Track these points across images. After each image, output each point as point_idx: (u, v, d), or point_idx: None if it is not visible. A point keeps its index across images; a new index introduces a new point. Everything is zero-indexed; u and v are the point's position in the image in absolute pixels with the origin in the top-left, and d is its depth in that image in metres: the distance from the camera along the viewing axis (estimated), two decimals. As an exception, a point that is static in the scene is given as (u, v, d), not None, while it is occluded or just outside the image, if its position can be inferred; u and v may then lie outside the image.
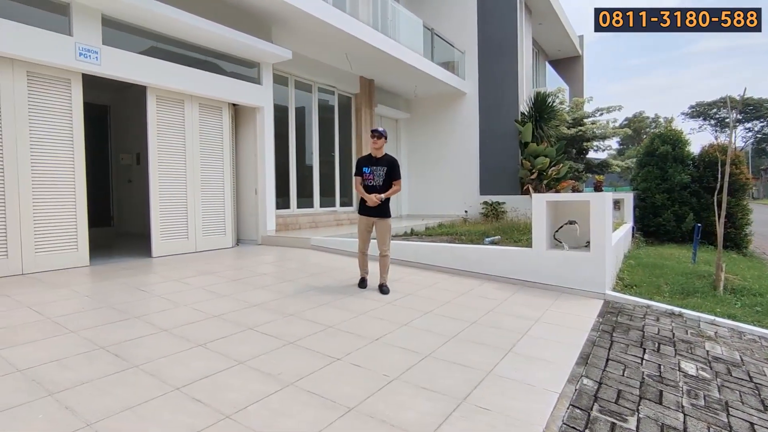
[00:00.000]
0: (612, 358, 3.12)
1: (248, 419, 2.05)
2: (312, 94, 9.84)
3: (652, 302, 4.56)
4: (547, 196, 5.20)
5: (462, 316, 3.86)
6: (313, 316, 3.68)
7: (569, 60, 19.62)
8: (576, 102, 16.72)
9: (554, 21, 15.44)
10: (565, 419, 2.23)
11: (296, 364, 2.69)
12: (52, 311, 3.56)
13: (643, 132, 45.90)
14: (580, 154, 16.31)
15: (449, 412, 2.19)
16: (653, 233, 10.58)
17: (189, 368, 2.58)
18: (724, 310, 4.49)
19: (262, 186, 7.75)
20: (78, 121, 5.42)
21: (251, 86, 7.45)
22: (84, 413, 2.05)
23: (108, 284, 4.59)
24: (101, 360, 2.65)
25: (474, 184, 12.25)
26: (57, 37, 5.04)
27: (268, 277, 5.24)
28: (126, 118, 9.56)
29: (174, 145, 6.60)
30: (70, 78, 5.34)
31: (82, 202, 5.47)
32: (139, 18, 5.75)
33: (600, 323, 3.86)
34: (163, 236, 6.44)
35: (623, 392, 2.60)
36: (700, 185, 10.41)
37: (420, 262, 5.97)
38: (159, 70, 6.08)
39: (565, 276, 4.86)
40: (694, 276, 6.04)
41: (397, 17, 10.11)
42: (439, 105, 12.75)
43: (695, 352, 3.36)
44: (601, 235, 4.66)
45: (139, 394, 2.25)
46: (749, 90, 76.97)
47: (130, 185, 9.61)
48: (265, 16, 7.31)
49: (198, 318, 3.53)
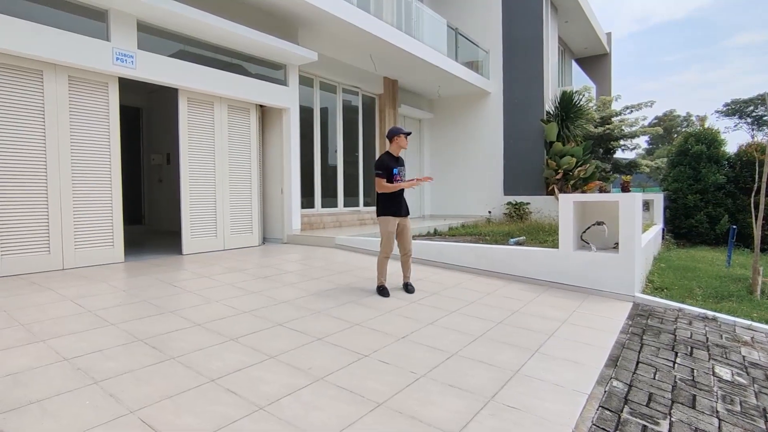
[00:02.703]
0: (642, 360, 3.06)
1: (281, 411, 2.11)
2: (336, 94, 9.95)
3: (684, 305, 4.44)
4: (575, 196, 5.13)
5: (488, 315, 3.85)
6: (339, 314, 3.74)
7: (596, 58, 19.18)
8: (603, 100, 16.35)
9: (581, 18, 15.13)
10: (594, 420, 2.22)
11: (325, 360, 2.75)
12: (93, 304, 3.73)
13: (674, 131, 44.41)
14: (608, 153, 15.95)
15: (477, 410, 2.20)
16: (684, 235, 10.27)
17: (223, 361, 2.67)
18: (762, 315, 4.34)
19: (287, 186, 7.89)
20: (114, 123, 5.65)
21: (278, 88, 7.60)
22: (126, 401, 2.15)
23: (143, 280, 4.77)
24: (140, 351, 2.77)
25: (498, 185, 12.14)
26: (96, 43, 5.26)
27: (294, 275, 5.34)
28: (157, 120, 9.89)
29: (203, 146, 6.79)
30: (108, 82, 5.56)
31: (118, 200, 5.69)
32: (172, 23, 5.94)
33: (629, 326, 3.79)
34: (193, 234, 6.64)
35: (654, 395, 2.56)
36: (735, 186, 10.05)
37: (444, 261, 5.97)
38: (190, 72, 6.27)
39: (593, 277, 4.79)
40: (728, 279, 5.85)
41: (421, 17, 10.12)
42: (462, 105, 12.69)
43: (730, 357, 3.27)
44: (630, 237, 4.57)
45: (176, 384, 2.35)
46: (789, 86, 72.84)
47: (160, 184, 9.92)
48: (291, 18, 7.44)
49: (229, 313, 3.64)
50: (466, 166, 12.64)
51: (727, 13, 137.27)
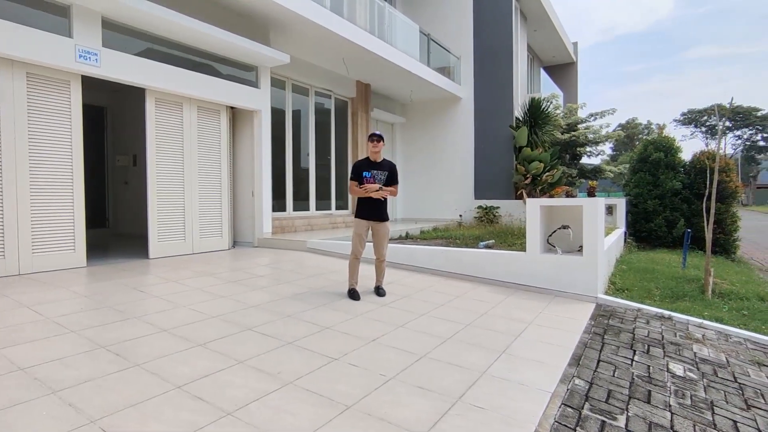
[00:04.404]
0: (603, 359, 3.20)
1: (249, 416, 2.10)
2: (309, 97, 9.92)
3: (643, 306, 4.65)
4: (541, 200, 5.29)
5: (457, 318, 3.92)
6: (310, 318, 3.73)
7: (563, 66, 19.86)
8: (570, 108, 16.92)
9: (549, 28, 15.64)
10: (557, 417, 2.31)
11: (295, 364, 2.75)
12: (52, 311, 3.59)
13: (636, 138, 46.34)
14: (574, 159, 16.50)
15: (445, 410, 2.25)
16: (645, 238, 10.72)
17: (190, 367, 2.62)
18: (712, 314, 4.60)
19: (258, 188, 7.80)
20: (77, 123, 5.45)
21: (249, 90, 7.51)
22: (87, 410, 2.09)
23: (106, 285, 4.62)
24: (102, 359, 2.69)
25: (469, 189, 12.35)
26: (57, 39, 5.07)
27: (265, 278, 5.28)
28: (123, 120, 9.58)
29: (172, 147, 6.64)
30: (70, 80, 5.37)
31: (80, 203, 5.49)
32: (140, 21, 5.79)
33: (592, 326, 3.95)
34: (161, 238, 6.46)
35: (613, 392, 2.68)
36: (691, 192, 10.58)
37: (415, 265, 6.04)
38: (158, 72, 6.12)
39: (558, 280, 4.95)
40: (683, 280, 6.16)
41: (393, 22, 10.22)
42: (434, 110, 12.87)
43: (683, 354, 3.45)
44: (593, 240, 4.76)
45: (140, 391, 2.29)
46: (744, 98, 77.21)
47: (126, 186, 9.61)
48: (263, 20, 7.38)
49: (197, 318, 3.57)
50: (438, 170, 12.81)
51: (684, 27, 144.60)
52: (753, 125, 49.14)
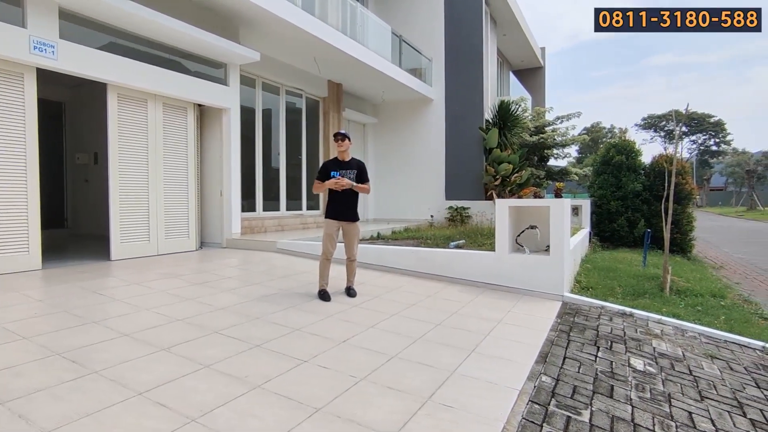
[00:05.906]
0: (569, 356, 3.28)
1: (215, 422, 2.04)
2: (280, 96, 9.77)
3: (606, 303, 4.81)
4: (510, 201, 5.39)
5: (427, 318, 3.95)
6: (279, 319, 3.67)
7: (532, 70, 20.35)
8: (537, 111, 17.36)
9: (518, 32, 16.00)
10: (524, 414, 2.35)
11: (263, 367, 2.69)
12: (1, 317, 3.38)
13: (600, 141, 48.04)
14: (542, 161, 16.93)
15: (415, 410, 2.26)
16: (608, 238, 11.12)
17: (152, 373, 2.53)
18: (670, 310, 4.81)
19: (227, 188, 7.62)
20: (31, 118, 5.17)
21: (218, 87, 7.33)
22: (39, 421, 1.98)
23: (63, 288, 4.40)
24: (57, 366, 2.55)
25: (440, 189, 12.47)
26: (9, 29, 4.79)
27: (233, 280, 5.16)
28: (83, 116, 9.17)
29: (136, 145, 6.40)
30: (23, 72, 5.09)
31: (35, 202, 5.21)
32: (100, 13, 5.55)
33: (558, 324, 4.05)
34: (123, 238, 6.22)
35: (578, 388, 2.76)
36: (650, 193, 11.04)
37: (386, 265, 6.05)
38: (121, 67, 5.89)
39: (527, 279, 5.06)
40: (644, 278, 6.42)
41: (366, 23, 10.20)
42: (406, 111, 12.92)
43: (643, 349, 3.59)
44: (559, 240, 4.89)
45: (98, 400, 2.19)
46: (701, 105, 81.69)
47: (86, 185, 9.21)
48: (232, 16, 7.22)
49: (161, 322, 3.45)
50: (409, 171, 12.87)
51: (645, 35, 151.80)
52: (706, 131, 51.95)
